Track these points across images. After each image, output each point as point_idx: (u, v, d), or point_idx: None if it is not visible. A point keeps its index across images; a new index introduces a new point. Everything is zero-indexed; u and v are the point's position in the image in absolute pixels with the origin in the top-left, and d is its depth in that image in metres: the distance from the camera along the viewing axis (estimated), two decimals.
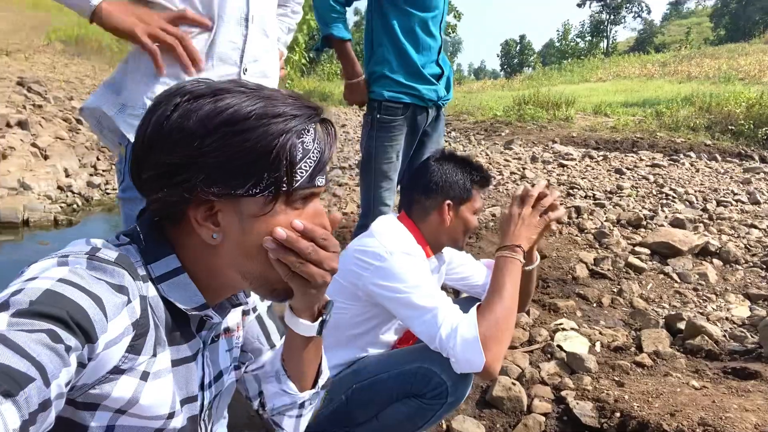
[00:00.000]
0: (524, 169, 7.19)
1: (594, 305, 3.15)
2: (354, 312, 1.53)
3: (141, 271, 0.76)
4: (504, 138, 11.47)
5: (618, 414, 1.98)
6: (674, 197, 5.77)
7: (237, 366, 0.99)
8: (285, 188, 0.75)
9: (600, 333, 2.72)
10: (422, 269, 1.47)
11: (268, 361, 1.04)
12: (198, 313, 0.81)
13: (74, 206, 5.78)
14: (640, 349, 2.56)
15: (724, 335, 2.69)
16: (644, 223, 4.62)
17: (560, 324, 2.80)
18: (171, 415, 0.78)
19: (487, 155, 8.88)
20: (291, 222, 0.77)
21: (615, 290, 3.35)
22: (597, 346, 2.58)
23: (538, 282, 3.38)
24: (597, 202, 5.39)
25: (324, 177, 0.81)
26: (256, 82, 0.79)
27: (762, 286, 3.48)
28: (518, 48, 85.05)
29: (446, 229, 1.64)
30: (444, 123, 2.76)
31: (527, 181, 6.38)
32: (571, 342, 2.57)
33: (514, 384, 2.14)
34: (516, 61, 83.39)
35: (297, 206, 0.78)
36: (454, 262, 1.86)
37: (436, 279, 1.77)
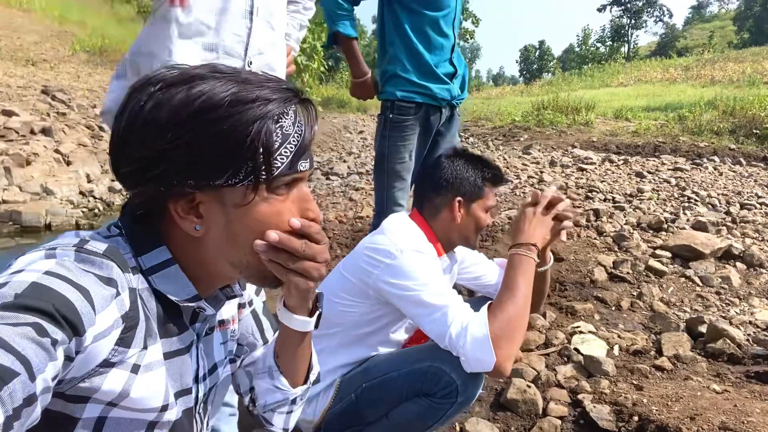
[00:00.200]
0: (542, 173, 7.12)
1: (613, 308, 3.09)
2: (363, 310, 1.52)
3: (131, 263, 0.74)
4: (522, 143, 11.38)
5: (636, 418, 1.93)
6: (696, 200, 5.65)
7: (232, 359, 0.97)
8: (265, 176, 0.73)
9: (618, 336, 2.66)
10: (433, 267, 1.45)
11: (260, 358, 1.02)
12: (190, 305, 0.79)
13: (95, 211, 5.88)
14: (660, 353, 2.50)
15: (747, 339, 2.61)
16: (665, 227, 4.53)
17: (578, 327, 2.75)
18: (164, 408, 0.77)
19: (505, 159, 8.82)
20: (288, 220, 0.76)
21: (634, 294, 3.28)
22: (615, 350, 2.53)
23: (555, 285, 3.33)
24: (617, 205, 5.30)
25: (308, 161, 0.78)
26: (208, 57, 0.77)
27: None
28: (537, 53, 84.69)
29: (457, 227, 1.62)
30: (458, 123, 2.74)
31: (545, 185, 6.31)
32: (589, 345, 2.52)
33: (529, 386, 2.11)
34: (535, 67, 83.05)
35: (281, 192, 0.76)
36: (467, 261, 1.83)
37: (448, 278, 1.75)
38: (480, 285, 1.87)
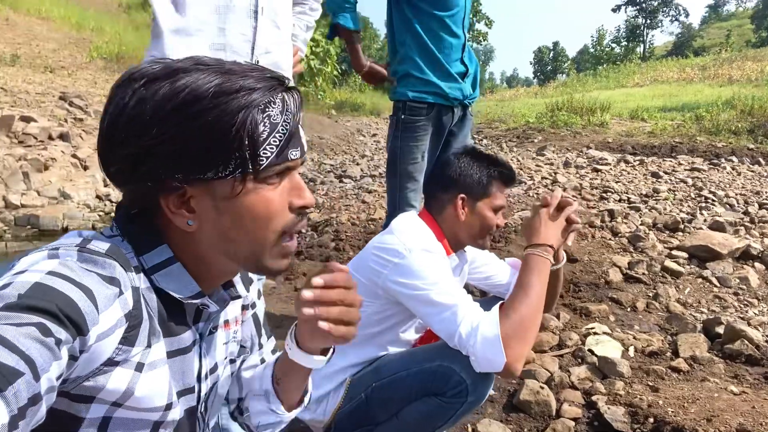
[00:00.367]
0: (556, 174, 7.07)
1: (628, 310, 3.05)
2: (373, 310, 1.51)
3: (133, 262, 0.74)
4: (536, 144, 11.31)
5: (651, 419, 1.91)
6: (714, 200, 5.57)
7: (232, 360, 0.97)
8: (252, 167, 0.72)
9: (634, 338, 2.63)
10: (442, 266, 1.44)
11: (256, 378, 1.01)
12: (194, 302, 0.79)
13: (112, 214, 5.95)
14: (676, 354, 2.46)
15: (766, 340, 2.56)
16: (682, 227, 4.47)
17: (592, 328, 2.72)
18: (168, 407, 0.77)
19: (518, 161, 8.77)
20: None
21: (650, 295, 3.24)
22: (630, 351, 2.50)
23: (569, 286, 3.30)
24: (632, 206, 5.25)
25: (299, 149, 0.77)
26: (217, 57, 0.77)
27: None
28: (551, 55, 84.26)
29: (462, 225, 1.60)
30: (471, 123, 2.73)
31: (559, 185, 6.26)
32: (603, 346, 2.49)
33: (543, 388, 2.09)
34: (549, 68, 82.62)
35: (272, 182, 0.76)
36: (477, 261, 1.82)
37: (459, 278, 1.74)
38: (491, 285, 1.85)
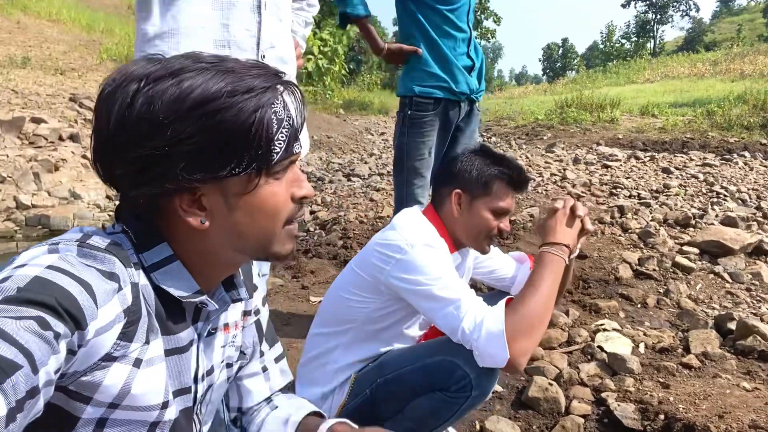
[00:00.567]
0: (565, 171, 7.02)
1: (638, 306, 3.02)
2: (376, 306, 1.50)
3: (133, 259, 0.74)
4: (546, 141, 11.24)
5: (662, 416, 1.88)
6: (725, 195, 5.51)
7: (229, 364, 0.96)
8: (266, 163, 0.73)
9: (644, 334, 2.60)
10: (444, 261, 1.43)
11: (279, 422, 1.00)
12: (193, 300, 0.79)
13: None
14: (688, 351, 2.43)
15: None
16: (693, 222, 4.42)
17: (601, 325, 2.69)
18: (164, 405, 0.77)
19: (528, 158, 8.72)
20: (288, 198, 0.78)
21: (661, 291, 3.20)
22: (641, 348, 2.47)
23: (579, 282, 3.27)
24: (642, 202, 5.20)
25: (299, 142, 0.78)
26: (213, 54, 0.76)
27: None
28: (561, 51, 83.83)
29: (458, 222, 1.56)
30: (478, 118, 2.71)
31: (568, 182, 6.22)
32: (613, 343, 2.47)
33: (551, 384, 2.07)
34: (558, 65, 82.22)
35: (278, 176, 0.77)
36: (481, 256, 1.80)
37: (463, 276, 1.72)
38: (496, 279, 1.83)
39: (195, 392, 0.85)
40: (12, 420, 0.51)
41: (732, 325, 2.60)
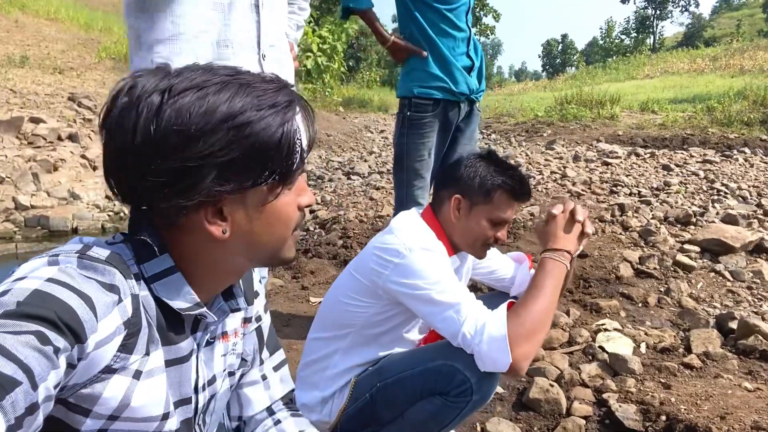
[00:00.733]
0: (565, 168, 7.00)
1: (639, 305, 3.01)
2: (375, 310, 1.49)
3: (133, 270, 0.74)
4: (546, 138, 11.21)
5: (664, 417, 1.88)
6: (726, 193, 5.49)
7: (231, 372, 0.96)
8: (288, 174, 0.76)
9: (645, 334, 2.59)
10: (443, 265, 1.42)
11: None
12: (192, 313, 0.79)
13: (121, 214, 5.98)
14: (689, 350, 2.42)
15: None
16: (694, 220, 4.40)
17: (602, 325, 2.68)
18: (165, 416, 0.77)
19: (527, 156, 8.70)
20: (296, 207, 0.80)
21: (662, 290, 3.19)
22: (642, 348, 2.47)
23: (579, 281, 3.26)
24: (642, 200, 5.18)
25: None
26: (224, 65, 0.76)
27: None
28: (560, 47, 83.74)
29: (455, 228, 1.55)
30: (479, 119, 2.70)
31: (568, 180, 6.20)
32: (614, 343, 2.46)
33: (552, 386, 2.06)
34: (558, 61, 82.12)
35: (291, 186, 0.79)
36: None
37: (462, 279, 1.72)
38: (495, 279, 1.83)
39: (196, 402, 0.85)
40: None
41: (733, 325, 2.60)
